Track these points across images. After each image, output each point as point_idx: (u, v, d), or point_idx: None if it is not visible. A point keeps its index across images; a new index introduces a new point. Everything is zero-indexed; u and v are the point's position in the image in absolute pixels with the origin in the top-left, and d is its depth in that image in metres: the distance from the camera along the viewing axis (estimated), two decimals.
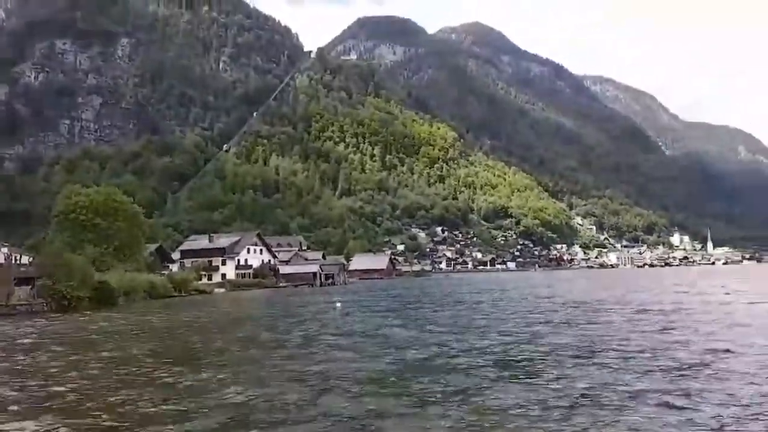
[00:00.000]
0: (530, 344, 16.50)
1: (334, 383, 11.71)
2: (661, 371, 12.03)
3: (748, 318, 22.28)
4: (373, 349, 16.49)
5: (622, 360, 13.41)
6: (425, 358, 14.42)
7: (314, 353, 15.96)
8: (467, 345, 16.60)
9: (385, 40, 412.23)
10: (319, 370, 13.24)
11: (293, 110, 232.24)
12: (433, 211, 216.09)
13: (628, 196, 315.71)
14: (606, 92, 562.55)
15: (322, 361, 14.58)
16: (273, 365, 14.34)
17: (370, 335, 19.92)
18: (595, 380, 11.33)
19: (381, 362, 14.08)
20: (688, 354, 14.14)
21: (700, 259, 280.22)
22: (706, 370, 12.17)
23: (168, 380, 12.63)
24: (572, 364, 13.05)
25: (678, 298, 35.36)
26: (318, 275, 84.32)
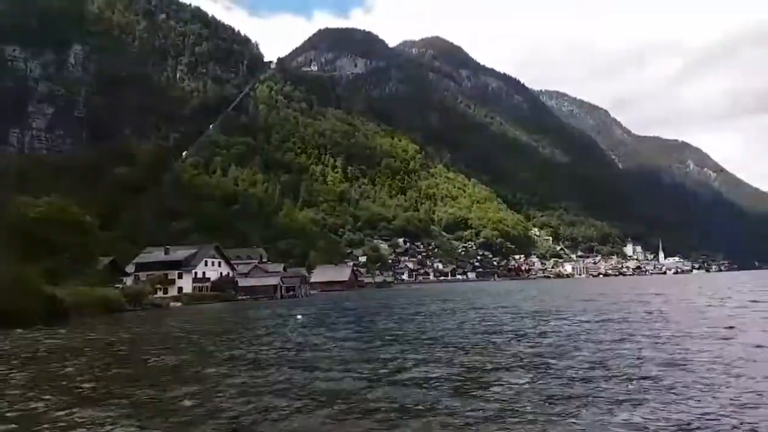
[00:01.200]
0: (482, 356, 16.39)
1: (273, 399, 11.40)
2: (605, 380, 12.08)
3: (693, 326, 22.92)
4: (325, 363, 16.00)
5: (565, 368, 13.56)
6: (375, 372, 14.08)
7: (262, 368, 15.46)
8: (422, 357, 16.43)
9: (346, 52, 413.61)
10: (262, 384, 12.93)
11: (253, 120, 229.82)
12: (395, 222, 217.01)
13: (583, 207, 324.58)
14: (561, 107, 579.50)
15: (268, 375, 14.19)
16: (216, 382, 13.76)
17: (324, 349, 19.45)
18: (534, 390, 11.41)
19: (329, 377, 13.69)
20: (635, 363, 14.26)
21: (652, 269, 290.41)
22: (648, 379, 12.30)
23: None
24: (522, 374, 13.04)
25: (631, 306, 36.36)
26: (279, 288, 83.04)
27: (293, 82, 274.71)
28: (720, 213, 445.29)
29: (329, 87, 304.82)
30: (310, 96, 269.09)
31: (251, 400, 11.31)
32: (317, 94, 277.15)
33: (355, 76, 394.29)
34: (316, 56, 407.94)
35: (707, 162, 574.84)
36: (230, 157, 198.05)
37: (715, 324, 22.15)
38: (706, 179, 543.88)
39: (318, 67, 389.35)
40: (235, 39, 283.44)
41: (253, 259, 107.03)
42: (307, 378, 13.67)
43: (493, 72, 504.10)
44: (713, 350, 15.44)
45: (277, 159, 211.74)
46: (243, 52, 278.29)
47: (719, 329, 20.27)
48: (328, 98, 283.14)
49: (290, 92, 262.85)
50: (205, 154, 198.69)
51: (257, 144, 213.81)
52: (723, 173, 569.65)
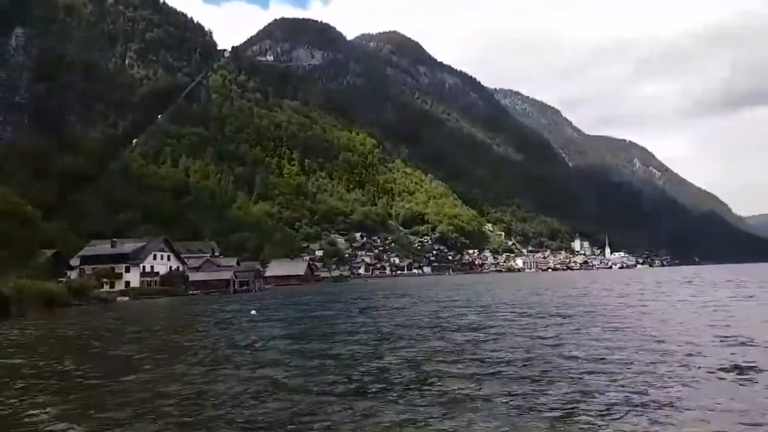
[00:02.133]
0: (423, 349, 16.44)
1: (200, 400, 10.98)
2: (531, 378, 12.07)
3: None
4: (269, 359, 15.65)
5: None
6: (322, 369, 13.80)
7: (199, 366, 14.86)
8: (368, 351, 16.31)
9: (303, 43, 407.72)
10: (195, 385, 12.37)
11: (205, 110, 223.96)
12: (353, 216, 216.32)
13: (534, 204, 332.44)
14: (515, 105, 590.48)
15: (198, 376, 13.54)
16: (145, 382, 13.06)
17: (270, 345, 18.92)
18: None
19: (270, 373, 13.27)
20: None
21: (599, 263, 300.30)
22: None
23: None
24: (441, 369, 13.06)
25: (572, 300, 37.39)
26: (231, 282, 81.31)
27: (248, 72, 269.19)
28: (663, 210, 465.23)
29: (285, 78, 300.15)
30: (265, 86, 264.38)
31: (181, 404, 10.70)
32: (273, 85, 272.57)
33: (312, 67, 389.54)
34: (272, 46, 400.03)
35: (652, 161, 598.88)
36: (181, 148, 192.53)
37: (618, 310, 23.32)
38: (652, 178, 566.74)
39: (274, 57, 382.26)
40: (188, 26, 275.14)
41: (204, 252, 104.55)
42: (243, 374, 13.21)
43: (450, 69, 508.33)
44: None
45: (231, 150, 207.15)
46: (196, 39, 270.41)
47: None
48: (285, 89, 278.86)
49: (245, 82, 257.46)
50: (155, 143, 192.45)
51: (210, 134, 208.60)
52: (667, 172, 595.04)
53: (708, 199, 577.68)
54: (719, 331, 18.04)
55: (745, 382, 11.01)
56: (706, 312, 25.02)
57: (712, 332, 17.86)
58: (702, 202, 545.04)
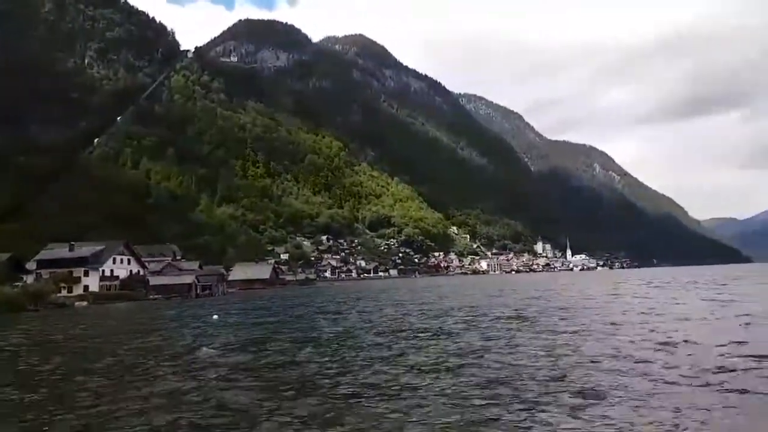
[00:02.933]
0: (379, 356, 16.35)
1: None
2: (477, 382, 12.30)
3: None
4: (221, 369, 15.08)
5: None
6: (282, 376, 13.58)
7: (146, 375, 14.43)
8: (326, 359, 16.09)
9: (268, 45, 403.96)
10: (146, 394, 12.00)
11: (167, 111, 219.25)
12: (319, 219, 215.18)
13: (498, 207, 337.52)
14: (479, 110, 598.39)
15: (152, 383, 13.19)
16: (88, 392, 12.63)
17: (228, 351, 18.52)
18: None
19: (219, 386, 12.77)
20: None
21: (560, 265, 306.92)
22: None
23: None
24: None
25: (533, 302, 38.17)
26: (194, 286, 79.73)
27: (211, 73, 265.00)
28: (623, 214, 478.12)
29: (250, 79, 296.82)
30: (229, 88, 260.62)
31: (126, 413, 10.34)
32: (237, 86, 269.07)
33: (277, 69, 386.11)
34: (236, 47, 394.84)
35: (612, 165, 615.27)
36: (142, 149, 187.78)
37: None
38: (611, 182, 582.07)
39: (238, 58, 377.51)
40: (150, 25, 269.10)
41: (166, 256, 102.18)
42: (192, 387, 12.67)
43: (415, 73, 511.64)
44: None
45: (194, 152, 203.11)
46: (158, 39, 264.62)
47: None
48: (249, 91, 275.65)
49: (208, 83, 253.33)
50: (116, 145, 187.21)
51: (172, 136, 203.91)
52: (626, 176, 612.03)
53: (665, 202, 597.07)
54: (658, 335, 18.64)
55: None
56: (656, 313, 26.00)
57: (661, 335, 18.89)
58: (660, 206, 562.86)
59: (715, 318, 23.08)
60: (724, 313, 24.22)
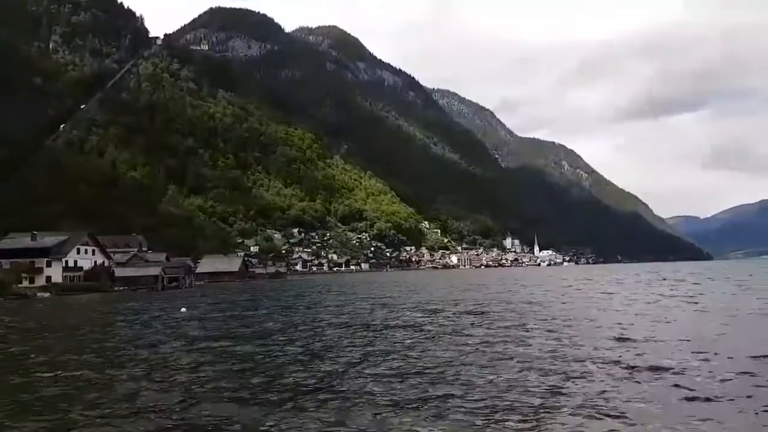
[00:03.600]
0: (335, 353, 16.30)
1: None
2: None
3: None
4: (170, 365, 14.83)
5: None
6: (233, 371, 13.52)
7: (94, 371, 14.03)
8: (280, 354, 15.95)
9: (239, 33, 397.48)
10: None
11: (135, 99, 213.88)
12: (290, 212, 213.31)
13: (469, 202, 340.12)
14: (452, 106, 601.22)
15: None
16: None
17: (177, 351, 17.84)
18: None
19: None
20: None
21: (528, 260, 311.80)
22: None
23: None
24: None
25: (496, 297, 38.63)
26: (160, 278, 78.24)
27: (181, 61, 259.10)
28: (589, 211, 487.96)
29: (221, 68, 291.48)
30: (199, 76, 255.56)
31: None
32: (207, 75, 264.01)
33: (248, 58, 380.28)
34: (207, 35, 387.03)
35: (580, 163, 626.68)
36: (109, 138, 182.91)
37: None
38: (579, 180, 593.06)
39: (209, 46, 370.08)
40: (118, 11, 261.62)
41: (132, 247, 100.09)
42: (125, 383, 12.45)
43: (389, 67, 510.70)
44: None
45: (162, 141, 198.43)
46: (126, 25, 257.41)
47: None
48: (220, 80, 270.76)
49: (177, 71, 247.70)
50: (81, 133, 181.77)
51: (139, 124, 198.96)
52: (593, 174, 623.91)
53: (631, 200, 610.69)
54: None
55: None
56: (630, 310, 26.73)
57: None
58: (625, 204, 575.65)
59: (661, 313, 23.84)
60: (671, 310, 25.09)
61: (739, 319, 21.54)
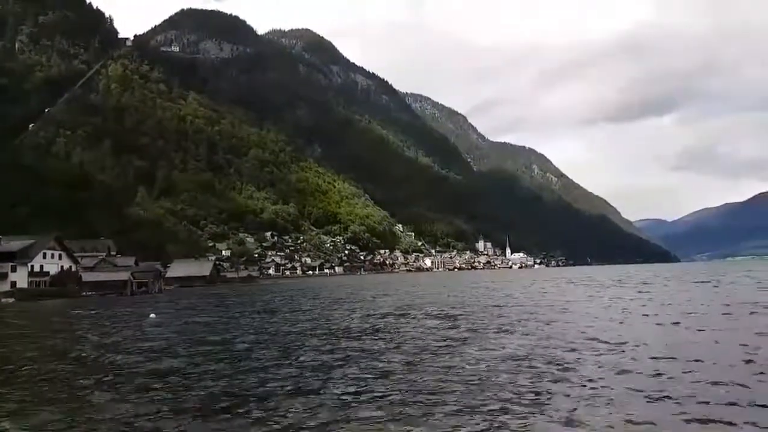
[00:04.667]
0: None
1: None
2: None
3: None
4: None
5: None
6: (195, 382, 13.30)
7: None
8: (242, 363, 15.68)
9: (211, 35, 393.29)
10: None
11: (104, 100, 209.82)
12: (263, 215, 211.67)
13: (442, 206, 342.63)
14: (425, 110, 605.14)
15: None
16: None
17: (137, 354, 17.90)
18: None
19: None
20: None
21: (501, 263, 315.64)
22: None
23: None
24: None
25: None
26: (129, 283, 77.07)
27: (151, 62, 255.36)
28: (560, 214, 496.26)
29: (191, 70, 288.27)
30: (170, 78, 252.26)
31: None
32: (178, 77, 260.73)
33: (220, 61, 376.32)
34: (177, 37, 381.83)
35: (549, 167, 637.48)
36: (77, 139, 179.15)
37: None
38: (549, 183, 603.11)
39: (180, 48, 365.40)
40: (87, 11, 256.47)
41: (99, 251, 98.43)
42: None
43: (362, 70, 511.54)
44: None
45: (131, 143, 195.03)
46: (95, 25, 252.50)
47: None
48: (191, 82, 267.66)
49: (147, 72, 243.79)
50: (48, 134, 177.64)
51: (108, 126, 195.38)
52: (563, 178, 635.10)
53: (600, 203, 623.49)
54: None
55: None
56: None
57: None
58: (594, 207, 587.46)
59: (614, 316, 24.78)
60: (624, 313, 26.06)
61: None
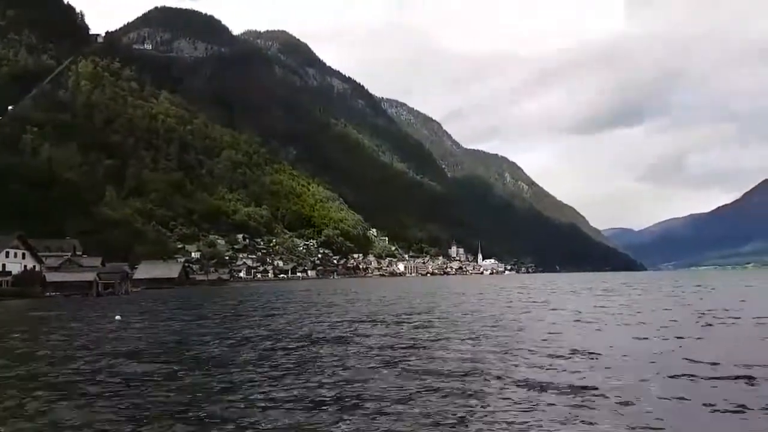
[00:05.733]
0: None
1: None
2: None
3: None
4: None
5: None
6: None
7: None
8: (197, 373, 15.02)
9: (185, 34, 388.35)
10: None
11: (73, 97, 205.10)
12: (235, 217, 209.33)
13: (416, 211, 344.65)
14: (401, 115, 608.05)
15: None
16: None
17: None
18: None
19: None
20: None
21: (472, 269, 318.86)
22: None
23: None
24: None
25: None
26: (95, 284, 75.52)
27: (123, 60, 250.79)
28: (530, 222, 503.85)
29: (164, 68, 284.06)
30: (142, 76, 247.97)
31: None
32: (150, 75, 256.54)
33: (194, 60, 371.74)
34: (151, 35, 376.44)
35: (521, 175, 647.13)
36: (44, 136, 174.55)
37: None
38: (520, 191, 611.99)
39: (153, 46, 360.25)
40: (57, 5, 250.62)
41: (65, 251, 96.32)
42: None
43: (339, 74, 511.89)
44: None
45: (100, 141, 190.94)
46: (65, 20, 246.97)
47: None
48: (163, 81, 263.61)
49: (119, 70, 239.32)
50: (14, 131, 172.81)
51: (77, 123, 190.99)
52: (534, 186, 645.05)
53: (569, 212, 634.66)
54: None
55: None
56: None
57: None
58: (564, 215, 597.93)
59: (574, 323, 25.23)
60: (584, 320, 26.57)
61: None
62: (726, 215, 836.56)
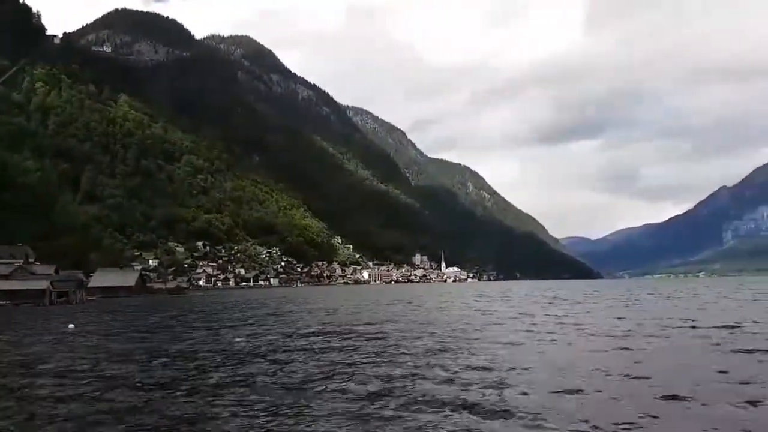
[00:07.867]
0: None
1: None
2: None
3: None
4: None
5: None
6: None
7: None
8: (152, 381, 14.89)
9: (146, 37, 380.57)
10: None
11: (27, 99, 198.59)
12: (195, 224, 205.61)
13: (380, 219, 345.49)
14: (366, 124, 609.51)
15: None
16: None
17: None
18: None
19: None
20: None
21: (436, 276, 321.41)
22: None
23: None
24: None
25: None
26: (48, 292, 73.31)
27: (81, 62, 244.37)
28: (492, 230, 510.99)
29: (123, 71, 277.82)
30: (100, 79, 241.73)
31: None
32: (109, 78, 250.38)
33: (155, 63, 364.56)
34: (110, 37, 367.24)
35: (483, 185, 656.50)
36: None
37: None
38: (482, 200, 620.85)
39: (112, 48, 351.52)
40: (11, 5, 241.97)
41: (17, 258, 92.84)
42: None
43: (303, 81, 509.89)
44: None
45: (55, 145, 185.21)
46: (20, 20, 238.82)
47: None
48: (122, 84, 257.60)
49: (76, 72, 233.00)
50: None
51: (31, 126, 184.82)
52: (495, 195, 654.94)
53: (528, 221, 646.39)
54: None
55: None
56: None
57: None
58: (524, 224, 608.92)
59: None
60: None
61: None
62: (679, 226, 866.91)
